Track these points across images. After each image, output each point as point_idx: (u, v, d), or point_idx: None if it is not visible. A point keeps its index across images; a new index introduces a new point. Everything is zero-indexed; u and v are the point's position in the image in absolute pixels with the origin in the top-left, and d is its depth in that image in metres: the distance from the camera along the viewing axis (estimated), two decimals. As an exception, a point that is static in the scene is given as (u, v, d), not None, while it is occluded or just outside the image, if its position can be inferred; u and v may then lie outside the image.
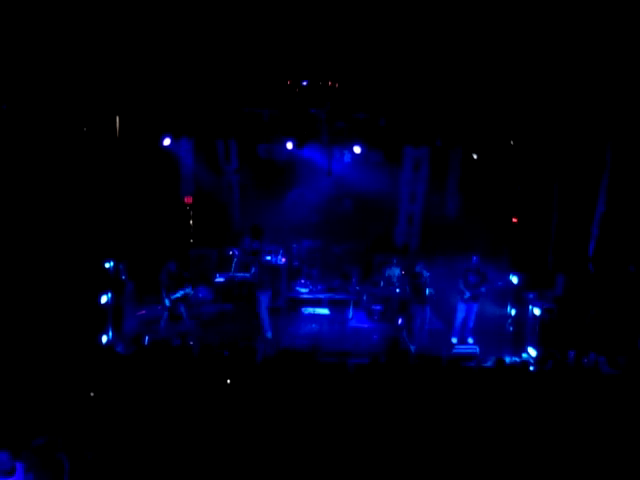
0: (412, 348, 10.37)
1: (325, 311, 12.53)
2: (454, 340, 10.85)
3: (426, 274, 10.68)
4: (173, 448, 5.74)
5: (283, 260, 12.80)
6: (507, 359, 9.55)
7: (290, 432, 6.04)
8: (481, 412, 6.60)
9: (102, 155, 9.96)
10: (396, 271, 12.73)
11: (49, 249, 9.14)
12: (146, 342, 9.63)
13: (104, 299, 9.80)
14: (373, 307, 12.26)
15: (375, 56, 9.42)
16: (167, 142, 12.18)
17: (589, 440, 6.12)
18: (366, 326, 11.90)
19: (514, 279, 10.97)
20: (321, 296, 12.95)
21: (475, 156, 12.52)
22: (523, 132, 10.85)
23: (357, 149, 12.56)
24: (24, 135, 9.04)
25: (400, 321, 11.33)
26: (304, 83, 10.33)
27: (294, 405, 6.46)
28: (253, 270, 11.67)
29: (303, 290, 13.21)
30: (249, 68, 9.92)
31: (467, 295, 10.64)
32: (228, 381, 6.99)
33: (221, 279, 12.51)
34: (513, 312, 11.02)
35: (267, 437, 5.96)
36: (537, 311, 10.16)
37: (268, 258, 12.52)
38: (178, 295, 10.73)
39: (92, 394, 6.55)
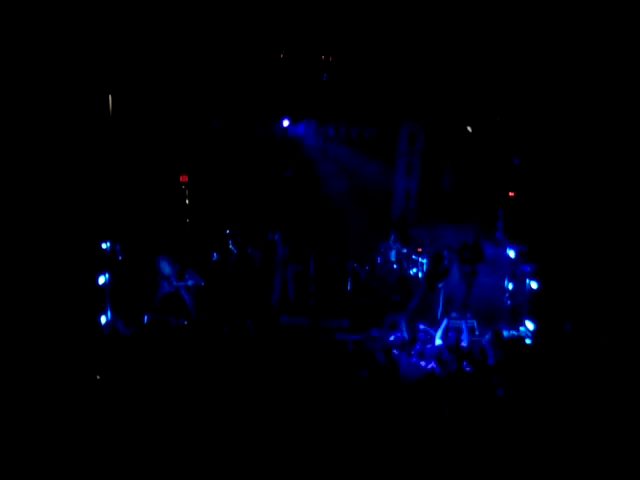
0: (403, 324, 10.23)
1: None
2: (453, 315, 10.87)
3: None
4: (175, 421, 5.78)
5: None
6: (505, 333, 9.62)
7: (288, 406, 6.10)
8: (479, 384, 6.66)
9: (95, 134, 9.87)
10: (393, 247, 12.71)
11: (45, 231, 9.09)
12: (145, 321, 9.66)
13: (102, 280, 9.78)
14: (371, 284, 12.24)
15: (371, 30, 9.31)
16: None
17: (585, 411, 6.20)
18: (362, 302, 11.88)
19: (511, 253, 10.97)
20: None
21: (470, 129, 12.44)
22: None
23: None
24: (16, 115, 8.93)
25: (397, 298, 11.32)
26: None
27: (292, 379, 6.52)
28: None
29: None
30: (242, 43, 9.80)
31: (464, 270, 10.63)
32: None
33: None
34: (510, 286, 11.04)
35: (267, 411, 6.02)
36: (534, 285, 10.19)
37: None
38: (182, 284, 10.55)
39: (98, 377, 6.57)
